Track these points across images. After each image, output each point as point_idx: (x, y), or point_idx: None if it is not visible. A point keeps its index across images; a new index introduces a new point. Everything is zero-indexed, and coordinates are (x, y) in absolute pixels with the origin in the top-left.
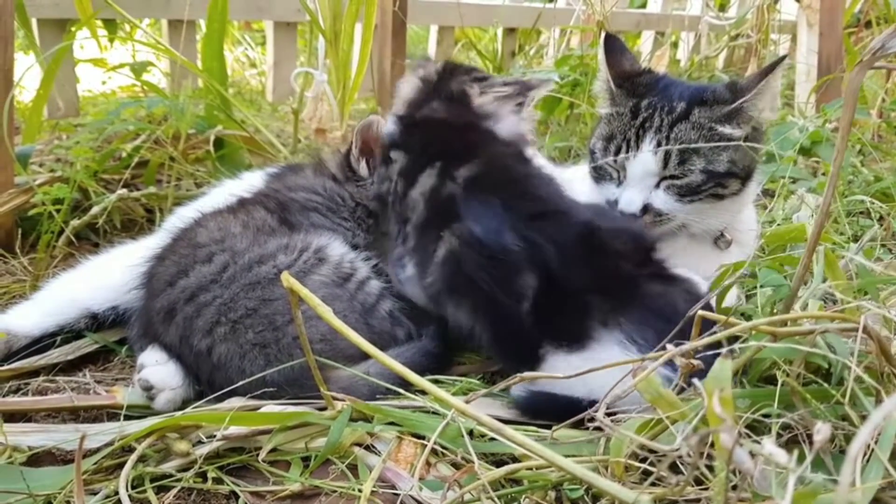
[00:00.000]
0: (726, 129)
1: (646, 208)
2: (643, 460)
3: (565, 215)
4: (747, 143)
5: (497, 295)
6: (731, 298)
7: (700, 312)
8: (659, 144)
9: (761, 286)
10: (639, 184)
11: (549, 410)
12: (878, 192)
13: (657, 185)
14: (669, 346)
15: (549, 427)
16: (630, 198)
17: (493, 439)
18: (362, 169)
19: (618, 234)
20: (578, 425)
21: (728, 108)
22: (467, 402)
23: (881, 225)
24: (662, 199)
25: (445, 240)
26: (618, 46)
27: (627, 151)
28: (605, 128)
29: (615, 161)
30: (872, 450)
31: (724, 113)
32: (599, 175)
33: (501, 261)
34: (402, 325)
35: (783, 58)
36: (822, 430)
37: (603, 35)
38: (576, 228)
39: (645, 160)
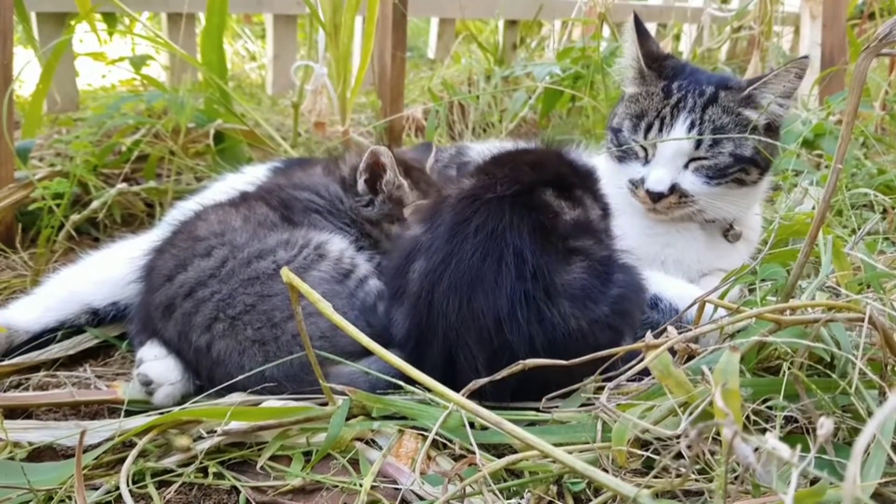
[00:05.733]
0: (749, 113)
1: (672, 188)
2: (645, 444)
3: None
4: (766, 139)
5: None
6: (734, 293)
7: (708, 300)
8: (693, 124)
9: (762, 280)
10: (669, 163)
11: None
12: (882, 185)
13: (685, 166)
14: (671, 329)
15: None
16: (659, 176)
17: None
18: (360, 185)
19: None
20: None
21: (744, 94)
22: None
23: (884, 218)
24: (690, 180)
25: None
26: (645, 29)
27: (661, 130)
28: (634, 106)
29: (646, 138)
30: (873, 441)
31: (742, 97)
32: (624, 154)
33: None
34: None
35: (803, 58)
36: (825, 425)
37: (633, 16)
38: None
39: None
